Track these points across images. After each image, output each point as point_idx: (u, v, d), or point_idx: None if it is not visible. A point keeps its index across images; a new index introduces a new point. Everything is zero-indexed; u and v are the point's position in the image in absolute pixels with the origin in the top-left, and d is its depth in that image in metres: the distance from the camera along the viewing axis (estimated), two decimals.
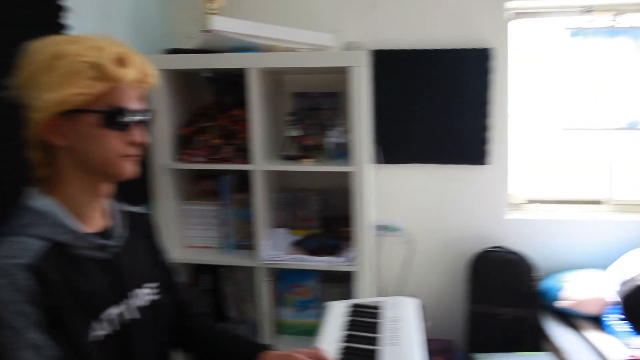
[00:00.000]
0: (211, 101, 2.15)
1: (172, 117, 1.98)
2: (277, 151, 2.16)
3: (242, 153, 1.92)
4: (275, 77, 2.15)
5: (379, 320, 1.39)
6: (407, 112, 2.22)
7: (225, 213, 2.03)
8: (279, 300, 2.11)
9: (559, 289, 2.08)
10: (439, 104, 2.20)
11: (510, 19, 2.18)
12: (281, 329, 2.13)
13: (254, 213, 1.94)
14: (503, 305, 2.12)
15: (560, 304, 2.05)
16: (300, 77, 2.24)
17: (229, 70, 1.88)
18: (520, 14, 2.22)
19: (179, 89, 2.01)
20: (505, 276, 2.12)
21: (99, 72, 0.92)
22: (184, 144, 1.99)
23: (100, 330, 0.97)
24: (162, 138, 1.93)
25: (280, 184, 2.26)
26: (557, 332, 2.01)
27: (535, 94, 2.32)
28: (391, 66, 2.19)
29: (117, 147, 0.97)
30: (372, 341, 1.26)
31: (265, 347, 1.19)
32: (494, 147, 2.21)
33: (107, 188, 1.04)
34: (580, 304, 2.03)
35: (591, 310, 2.03)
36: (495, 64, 2.15)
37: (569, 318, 2.06)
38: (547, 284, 2.13)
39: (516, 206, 2.35)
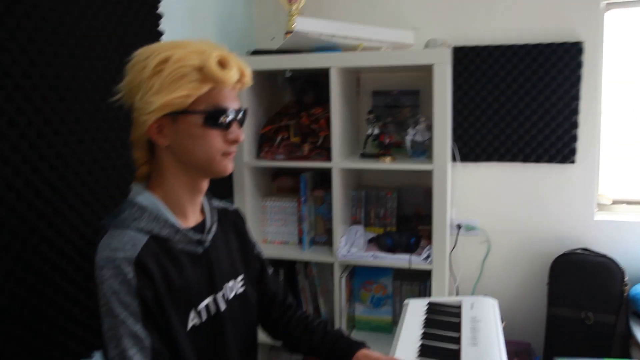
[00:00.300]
0: (291, 100, 2.21)
1: (253, 117, 2.05)
2: (356, 149, 2.18)
3: (321, 151, 1.96)
4: (354, 76, 2.17)
5: (458, 320, 1.38)
6: (487, 110, 2.17)
7: (302, 210, 2.08)
8: (353, 296, 2.13)
9: None
10: (523, 101, 2.12)
11: (604, 10, 2.06)
12: (354, 324, 2.16)
13: (332, 210, 1.97)
14: (588, 309, 2.02)
15: None
16: (378, 75, 2.25)
17: (309, 69, 1.92)
18: (611, 4, 2.09)
19: (260, 89, 2.08)
20: (592, 279, 2.02)
21: (203, 74, 0.96)
22: (265, 143, 2.06)
23: (193, 321, 1.03)
24: (245, 137, 2.00)
25: (357, 181, 2.29)
26: None
27: (628, 89, 2.18)
28: (472, 62, 2.14)
29: (218, 146, 1.02)
30: (452, 340, 1.26)
31: (362, 345, 1.22)
32: (582, 145, 2.11)
33: (204, 185, 1.10)
34: None
35: None
36: (587, 58, 2.05)
37: None
38: (638, 289, 2.01)
39: (605, 207, 2.23)
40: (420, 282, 2.08)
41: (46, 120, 1.20)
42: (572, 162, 2.13)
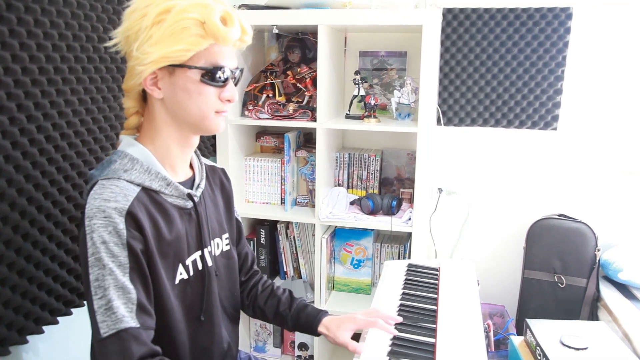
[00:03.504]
0: (277, 59, 2.16)
1: None
2: (341, 110, 2.16)
3: (306, 111, 1.93)
4: (341, 35, 2.13)
5: (436, 282, 1.41)
6: (473, 74, 2.16)
7: (285, 170, 2.07)
8: (333, 258, 2.16)
9: (621, 261, 2.02)
10: (510, 66, 2.12)
11: None
12: (333, 285, 2.19)
13: (314, 171, 1.96)
14: (562, 273, 2.09)
15: (623, 275, 2.00)
16: (366, 35, 2.20)
17: (296, 27, 1.87)
18: None
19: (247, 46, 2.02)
20: (567, 244, 2.08)
21: (205, 29, 0.93)
22: (249, 101, 2.03)
23: (181, 276, 1.03)
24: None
25: (341, 142, 2.27)
26: (618, 303, 1.97)
27: (615, 58, 2.18)
28: (460, 25, 2.11)
29: (212, 103, 1.00)
30: (430, 301, 1.29)
31: (327, 313, 1.23)
32: (565, 113, 2.13)
33: (195, 140, 1.08)
34: None
35: None
36: (575, 24, 2.04)
37: (632, 290, 2.01)
38: (609, 255, 2.08)
39: (584, 174, 2.27)
40: (399, 244, 2.11)
41: (40, 69, 1.16)
42: (554, 129, 2.15)
